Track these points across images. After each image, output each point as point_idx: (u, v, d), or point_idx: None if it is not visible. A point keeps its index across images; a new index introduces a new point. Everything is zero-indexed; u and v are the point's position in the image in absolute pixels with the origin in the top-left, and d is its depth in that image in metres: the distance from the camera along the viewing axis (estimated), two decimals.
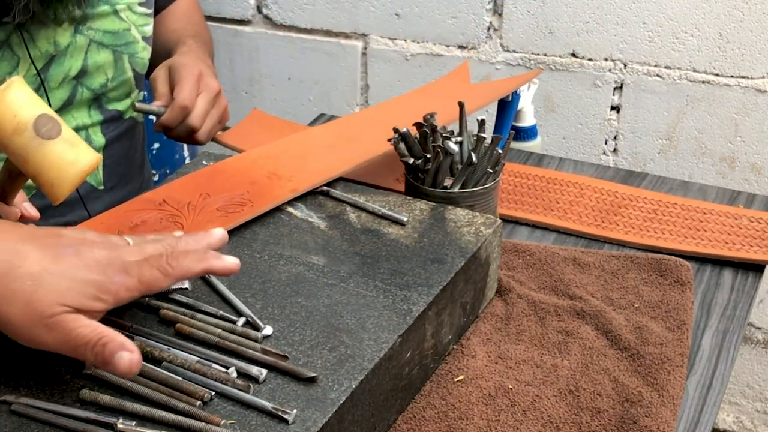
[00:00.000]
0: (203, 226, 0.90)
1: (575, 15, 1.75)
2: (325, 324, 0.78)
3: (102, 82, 1.12)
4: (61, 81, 1.07)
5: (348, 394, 0.70)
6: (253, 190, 0.96)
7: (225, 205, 0.93)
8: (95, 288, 0.67)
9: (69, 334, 0.66)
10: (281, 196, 0.95)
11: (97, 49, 1.10)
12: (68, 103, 1.09)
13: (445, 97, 1.22)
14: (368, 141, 1.08)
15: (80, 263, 0.68)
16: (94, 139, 1.13)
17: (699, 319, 0.96)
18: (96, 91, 1.12)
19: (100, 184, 1.16)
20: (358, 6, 1.91)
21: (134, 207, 0.94)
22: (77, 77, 1.09)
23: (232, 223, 0.91)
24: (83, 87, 1.10)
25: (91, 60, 1.10)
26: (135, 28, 1.15)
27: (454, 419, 0.79)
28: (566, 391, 0.83)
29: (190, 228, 0.90)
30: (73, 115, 1.11)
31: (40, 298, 0.66)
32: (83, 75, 1.10)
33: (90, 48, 1.09)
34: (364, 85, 1.98)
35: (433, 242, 0.89)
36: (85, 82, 1.10)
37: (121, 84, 1.15)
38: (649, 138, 1.79)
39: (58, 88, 1.07)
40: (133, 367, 0.66)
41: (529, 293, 0.96)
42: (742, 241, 1.06)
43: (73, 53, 1.08)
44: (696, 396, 0.86)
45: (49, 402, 0.69)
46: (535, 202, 1.15)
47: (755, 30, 1.64)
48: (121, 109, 1.17)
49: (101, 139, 1.15)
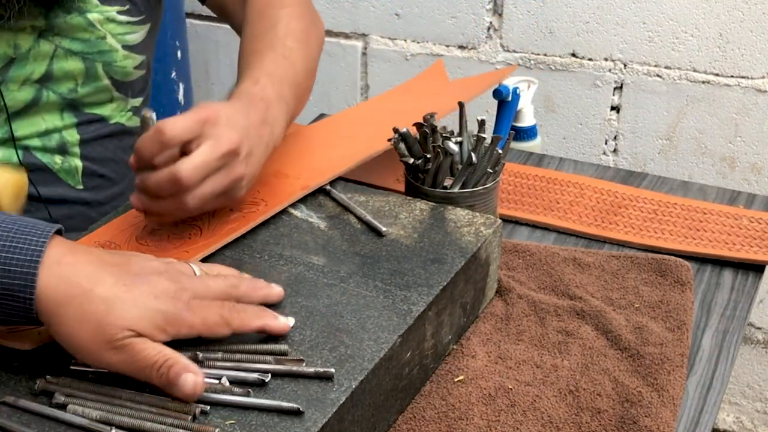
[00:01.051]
0: (222, 229, 0.90)
1: (575, 15, 1.75)
2: (325, 324, 0.78)
3: (70, 87, 1.08)
4: (22, 83, 1.04)
5: (348, 394, 0.70)
6: (264, 190, 0.96)
7: (239, 206, 0.93)
8: (163, 319, 0.71)
9: (136, 356, 0.69)
10: (293, 193, 0.96)
11: (64, 56, 1.06)
12: (33, 105, 1.06)
13: (427, 95, 1.22)
14: (366, 139, 1.08)
15: (151, 293, 0.71)
16: (68, 139, 1.10)
17: (699, 319, 0.96)
18: (65, 95, 1.08)
19: (77, 183, 1.13)
20: (358, 6, 1.91)
21: None
22: (41, 81, 1.05)
23: (252, 223, 0.91)
24: (49, 91, 1.06)
25: (57, 66, 1.05)
26: (112, 36, 1.08)
27: (454, 419, 0.79)
28: (566, 391, 0.83)
29: (209, 231, 0.90)
30: (43, 117, 1.07)
31: (111, 322, 0.69)
32: (48, 80, 1.06)
33: (56, 54, 1.05)
34: (364, 85, 1.98)
35: (433, 242, 0.89)
36: (50, 87, 1.06)
37: (96, 90, 1.10)
38: (649, 138, 1.79)
39: (19, 90, 1.04)
40: (198, 388, 0.68)
41: (529, 293, 0.96)
42: (742, 241, 1.06)
43: (36, 58, 1.04)
44: (696, 396, 0.86)
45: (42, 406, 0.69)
46: (535, 202, 1.15)
47: (755, 30, 1.64)
48: (101, 114, 1.13)
49: (76, 136, 1.11)
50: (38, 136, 1.08)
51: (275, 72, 0.99)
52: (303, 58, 1.04)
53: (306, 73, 1.05)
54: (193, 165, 0.83)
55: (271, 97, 0.95)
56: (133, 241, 0.89)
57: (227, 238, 0.89)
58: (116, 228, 0.92)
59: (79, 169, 1.12)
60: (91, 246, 0.85)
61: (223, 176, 0.86)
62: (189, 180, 0.83)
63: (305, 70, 1.05)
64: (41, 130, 1.08)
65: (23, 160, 1.07)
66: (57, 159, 1.10)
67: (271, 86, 0.96)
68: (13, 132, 1.06)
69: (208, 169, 0.84)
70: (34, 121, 1.07)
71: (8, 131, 1.06)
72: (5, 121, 1.05)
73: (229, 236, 0.89)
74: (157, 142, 0.83)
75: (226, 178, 0.86)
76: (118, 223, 0.93)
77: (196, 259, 0.85)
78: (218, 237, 0.89)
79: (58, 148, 1.10)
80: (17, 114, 1.06)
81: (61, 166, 1.11)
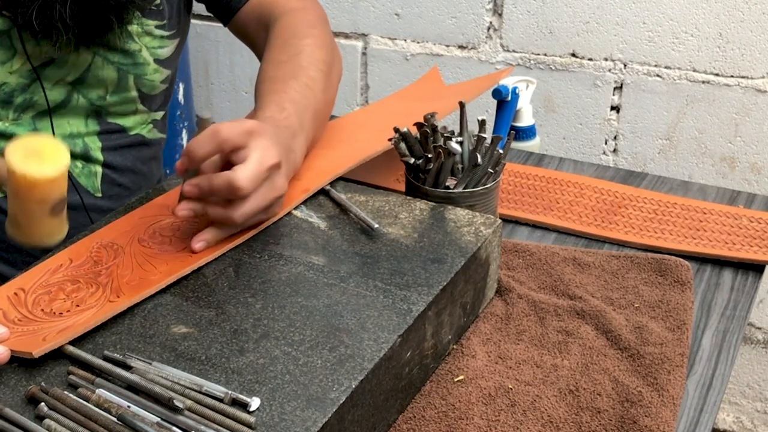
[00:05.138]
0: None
1: (575, 15, 1.75)
2: (325, 324, 0.78)
3: (100, 94, 1.10)
4: (56, 82, 1.06)
5: (348, 394, 0.70)
6: None
7: None
8: None
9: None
10: (295, 196, 0.96)
11: (101, 64, 1.08)
12: (63, 106, 1.08)
13: (424, 100, 1.23)
14: (365, 140, 1.09)
15: None
16: (91, 146, 1.12)
17: (699, 319, 0.96)
18: (93, 101, 1.10)
19: (97, 191, 1.14)
20: (358, 6, 1.91)
21: (149, 213, 0.94)
22: (74, 83, 1.07)
23: (260, 226, 0.91)
24: (79, 94, 1.08)
25: (92, 73, 1.07)
26: (147, 50, 1.10)
27: (454, 419, 0.79)
28: (566, 391, 0.83)
29: None
30: (69, 121, 1.09)
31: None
32: (80, 83, 1.08)
33: (94, 62, 1.07)
34: (364, 85, 1.98)
35: (433, 242, 0.89)
36: (81, 90, 1.08)
37: (123, 101, 1.12)
38: (649, 138, 1.80)
39: (52, 89, 1.06)
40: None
41: (529, 293, 0.96)
42: (742, 241, 1.06)
43: (75, 62, 1.06)
44: (696, 396, 0.86)
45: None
46: (535, 202, 1.15)
47: (755, 30, 1.64)
48: (123, 124, 1.14)
49: (98, 143, 1.13)
50: (63, 138, 1.09)
51: (299, 101, 1.00)
52: (324, 89, 1.06)
53: (326, 102, 1.07)
54: (247, 173, 0.84)
55: (295, 126, 0.97)
56: (135, 243, 0.89)
57: (231, 244, 0.88)
58: (118, 230, 0.92)
59: (98, 175, 1.13)
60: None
61: (267, 190, 0.87)
62: (245, 187, 0.84)
63: (325, 99, 1.07)
64: (66, 134, 1.09)
65: None
66: (78, 163, 1.11)
67: (295, 115, 0.98)
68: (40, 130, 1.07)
69: (259, 180, 0.85)
70: (60, 123, 1.09)
71: (39, 129, 1.07)
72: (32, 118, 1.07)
73: (232, 242, 0.89)
74: (212, 143, 0.84)
75: (270, 193, 0.87)
76: (121, 225, 0.93)
77: (199, 263, 0.86)
78: (222, 242, 0.89)
79: (82, 154, 1.11)
80: (46, 113, 1.07)
81: (81, 170, 1.11)
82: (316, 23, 1.15)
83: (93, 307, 0.80)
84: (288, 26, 1.12)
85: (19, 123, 1.06)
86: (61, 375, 0.73)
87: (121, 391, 0.71)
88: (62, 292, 0.82)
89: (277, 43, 1.11)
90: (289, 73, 1.04)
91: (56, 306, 0.81)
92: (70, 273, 0.85)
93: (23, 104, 1.05)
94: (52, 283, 0.84)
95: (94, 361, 0.73)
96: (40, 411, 0.69)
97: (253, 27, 1.19)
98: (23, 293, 0.82)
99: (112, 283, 0.83)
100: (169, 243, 0.89)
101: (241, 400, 0.69)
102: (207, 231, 0.88)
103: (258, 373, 0.72)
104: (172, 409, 0.68)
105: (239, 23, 1.20)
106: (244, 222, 0.87)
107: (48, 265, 0.87)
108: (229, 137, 0.84)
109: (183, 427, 0.67)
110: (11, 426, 0.68)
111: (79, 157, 1.11)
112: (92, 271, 0.85)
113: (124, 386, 0.71)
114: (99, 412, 0.69)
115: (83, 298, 0.81)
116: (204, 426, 0.67)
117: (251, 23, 1.19)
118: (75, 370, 0.73)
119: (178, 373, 0.72)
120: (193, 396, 0.70)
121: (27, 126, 1.06)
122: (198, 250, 0.86)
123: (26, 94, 1.05)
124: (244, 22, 1.19)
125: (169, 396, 0.68)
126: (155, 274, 0.84)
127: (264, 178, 0.86)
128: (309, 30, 1.12)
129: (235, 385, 0.71)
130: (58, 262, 0.87)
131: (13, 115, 1.05)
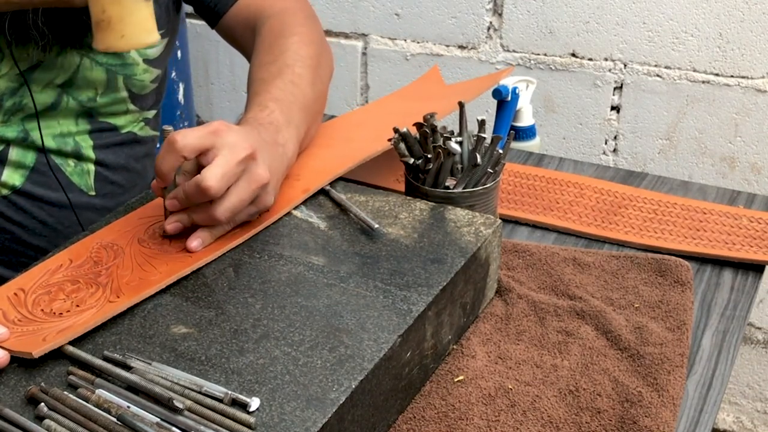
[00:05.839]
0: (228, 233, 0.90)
1: (575, 15, 1.75)
2: (325, 324, 0.78)
3: (90, 96, 1.09)
4: (45, 85, 1.06)
5: (348, 394, 0.70)
6: None
7: None
8: None
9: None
10: (295, 197, 0.96)
11: (90, 66, 1.07)
12: (53, 108, 1.08)
13: (423, 99, 1.22)
14: (364, 140, 1.09)
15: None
16: (82, 144, 1.12)
17: (699, 319, 0.96)
18: (84, 103, 1.09)
19: (90, 189, 1.14)
20: (358, 6, 1.91)
21: (149, 213, 0.94)
22: (63, 86, 1.07)
23: (254, 229, 0.91)
24: (69, 96, 1.08)
25: (81, 74, 1.07)
26: (135, 50, 1.10)
27: (454, 419, 0.79)
28: (566, 391, 0.83)
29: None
30: (59, 121, 1.09)
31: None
32: (69, 85, 1.07)
33: (82, 63, 1.07)
34: (364, 85, 1.98)
35: (433, 242, 0.89)
36: (71, 93, 1.08)
37: (113, 101, 1.12)
38: (649, 138, 1.80)
39: (42, 92, 1.06)
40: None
41: (529, 293, 0.96)
42: (742, 241, 1.06)
43: (63, 65, 1.06)
44: (696, 396, 0.86)
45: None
46: (535, 202, 1.15)
47: (755, 30, 1.64)
48: (114, 123, 1.14)
49: (89, 141, 1.12)
50: (53, 138, 1.09)
51: (283, 98, 1.00)
52: (312, 83, 1.06)
53: (315, 97, 1.06)
54: (214, 172, 0.83)
55: (280, 121, 0.97)
56: (135, 244, 0.89)
57: (231, 244, 0.88)
58: (119, 230, 0.92)
59: (91, 174, 1.13)
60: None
61: (246, 183, 0.86)
62: (213, 186, 0.83)
63: (315, 94, 1.06)
64: (56, 133, 1.09)
65: (37, 161, 1.09)
66: (70, 162, 1.11)
67: (279, 111, 0.98)
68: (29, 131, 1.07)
69: (230, 176, 0.85)
70: (50, 124, 1.09)
71: (28, 130, 1.07)
72: (21, 120, 1.06)
73: (232, 242, 0.89)
74: (171, 154, 0.84)
75: (250, 185, 0.87)
76: (121, 225, 0.93)
77: (199, 263, 0.86)
78: (222, 242, 0.89)
79: (74, 153, 1.11)
80: (35, 116, 1.07)
81: (74, 169, 1.11)
82: (303, 21, 1.15)
83: (93, 308, 0.80)
84: (274, 28, 1.12)
85: (8, 125, 1.06)
86: (61, 375, 0.73)
87: (120, 392, 0.71)
88: (62, 292, 0.82)
89: (263, 45, 1.11)
90: (275, 73, 1.04)
91: (56, 306, 0.81)
92: (70, 273, 0.85)
93: (12, 108, 1.05)
94: (52, 284, 0.84)
95: (93, 361, 0.73)
96: (39, 411, 0.69)
97: (240, 30, 1.19)
98: (23, 293, 0.82)
99: (112, 284, 0.83)
100: (169, 243, 0.89)
101: (240, 401, 0.69)
102: (201, 230, 0.88)
103: (258, 374, 0.72)
104: (171, 409, 0.68)
105: (226, 26, 1.20)
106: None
107: (48, 265, 0.87)
108: (186, 144, 0.84)
109: (183, 427, 0.67)
110: (11, 426, 0.68)
111: (71, 156, 1.11)
112: (92, 271, 0.85)
113: (124, 386, 0.72)
114: (99, 412, 0.69)
115: (83, 298, 0.81)
116: (204, 426, 0.67)
117: (238, 26, 1.19)
118: (75, 370, 0.73)
119: (178, 374, 0.72)
120: (193, 396, 0.70)
121: (16, 127, 1.07)
122: (194, 250, 0.87)
123: (15, 98, 1.05)
124: (230, 25, 1.19)
125: (168, 396, 0.69)
126: (155, 275, 0.84)
127: (237, 172, 0.85)
128: (295, 28, 1.12)
129: (234, 386, 0.71)
130: (57, 263, 0.87)
131: (3, 117, 1.05)
